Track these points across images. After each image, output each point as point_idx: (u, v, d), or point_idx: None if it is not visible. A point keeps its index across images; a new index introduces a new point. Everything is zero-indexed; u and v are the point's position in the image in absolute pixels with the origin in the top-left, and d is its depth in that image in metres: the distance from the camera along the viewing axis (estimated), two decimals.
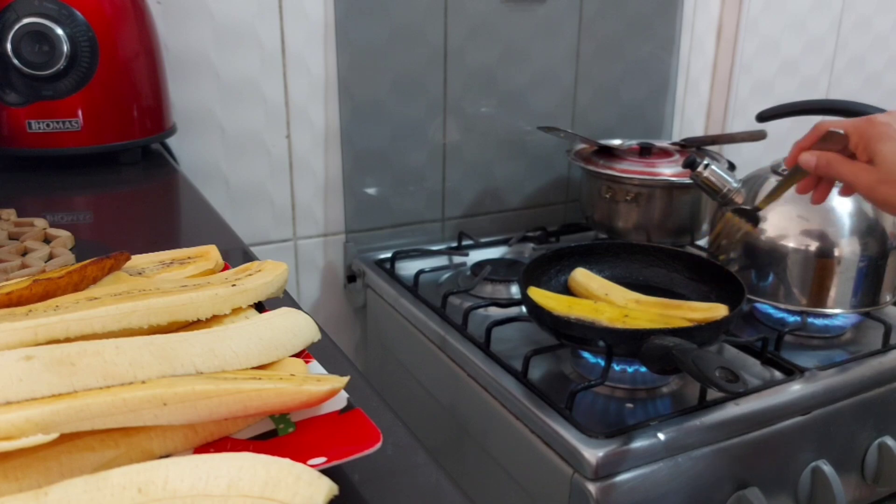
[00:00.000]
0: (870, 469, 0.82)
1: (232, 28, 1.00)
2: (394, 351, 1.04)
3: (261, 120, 1.05)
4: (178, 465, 0.28)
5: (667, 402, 0.74)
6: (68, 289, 0.41)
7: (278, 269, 0.46)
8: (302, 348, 0.40)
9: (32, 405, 0.30)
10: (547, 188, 1.27)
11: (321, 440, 0.34)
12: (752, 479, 0.73)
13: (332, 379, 0.37)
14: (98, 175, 0.85)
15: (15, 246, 0.58)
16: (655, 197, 1.04)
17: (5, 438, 0.28)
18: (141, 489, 0.27)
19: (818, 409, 0.76)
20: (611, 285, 0.85)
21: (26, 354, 0.32)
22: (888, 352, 0.83)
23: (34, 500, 0.27)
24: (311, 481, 0.28)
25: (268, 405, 0.34)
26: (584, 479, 0.64)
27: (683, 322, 0.76)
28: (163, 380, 0.33)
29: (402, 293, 0.98)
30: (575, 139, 1.17)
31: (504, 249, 1.15)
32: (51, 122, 0.81)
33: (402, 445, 0.40)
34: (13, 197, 0.77)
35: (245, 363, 0.37)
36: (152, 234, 0.72)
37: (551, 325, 0.74)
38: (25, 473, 0.29)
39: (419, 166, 1.15)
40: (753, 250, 0.88)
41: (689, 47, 1.36)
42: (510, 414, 0.74)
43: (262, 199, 1.08)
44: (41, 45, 0.78)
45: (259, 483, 0.28)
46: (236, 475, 0.28)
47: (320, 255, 1.15)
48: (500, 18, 1.13)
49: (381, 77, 1.08)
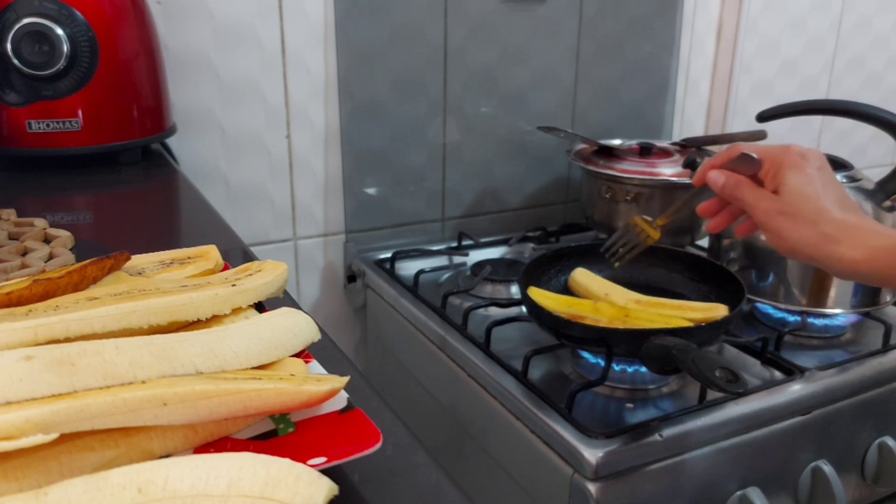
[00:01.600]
0: (870, 469, 0.82)
1: (232, 28, 1.00)
2: (394, 351, 1.04)
3: (261, 120, 1.05)
4: (178, 465, 0.28)
5: (667, 402, 0.74)
6: (68, 289, 0.41)
7: (278, 269, 0.46)
8: (302, 348, 0.40)
9: (32, 405, 0.30)
10: (547, 188, 1.27)
11: (321, 440, 0.34)
12: (752, 478, 0.73)
13: (332, 379, 0.36)
14: (98, 175, 0.85)
15: (15, 246, 0.58)
16: (655, 197, 1.04)
17: (5, 438, 0.28)
18: (141, 489, 0.27)
19: (818, 409, 0.76)
20: (611, 285, 0.85)
21: (26, 354, 0.32)
22: (888, 352, 0.83)
23: (34, 499, 0.27)
24: (311, 481, 0.28)
25: (268, 405, 0.34)
26: (584, 479, 0.64)
27: (683, 322, 0.76)
28: (163, 380, 0.33)
29: (402, 293, 0.98)
30: (575, 139, 1.17)
31: (504, 249, 1.15)
32: (51, 122, 0.81)
33: (402, 445, 0.40)
34: (13, 197, 0.77)
35: (245, 363, 0.37)
36: (152, 234, 0.72)
37: (551, 325, 0.74)
38: (25, 473, 0.29)
39: (419, 166, 1.15)
40: (753, 250, 0.88)
41: (689, 47, 1.36)
42: (510, 414, 0.74)
43: (262, 199, 1.08)
44: (41, 45, 0.78)
45: (259, 483, 0.28)
46: (236, 475, 0.28)
47: (320, 255, 1.15)
48: (500, 18, 1.13)
49: (381, 77, 1.08)
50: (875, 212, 0.86)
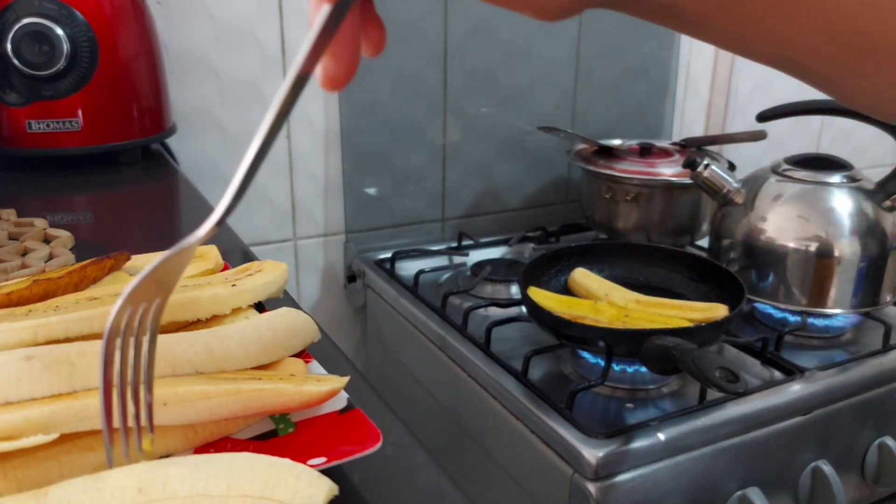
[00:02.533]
0: (870, 469, 0.82)
1: (232, 28, 1.00)
2: (394, 351, 1.04)
3: (261, 120, 1.05)
4: (178, 465, 0.28)
5: (667, 402, 0.74)
6: (68, 289, 0.41)
7: (278, 269, 0.46)
8: (302, 348, 0.40)
9: (32, 405, 0.30)
10: (547, 188, 1.27)
11: (321, 440, 0.34)
12: (753, 479, 0.73)
13: (332, 379, 0.37)
14: (98, 175, 0.85)
15: (15, 246, 0.58)
16: (655, 197, 1.04)
17: (5, 438, 0.28)
18: (141, 489, 0.27)
19: (818, 409, 0.76)
20: (611, 285, 0.85)
21: (26, 354, 0.32)
22: (888, 352, 0.83)
23: (34, 500, 0.27)
24: (311, 481, 0.28)
25: (268, 405, 0.34)
26: (584, 479, 0.64)
27: (683, 322, 0.76)
28: (163, 380, 0.33)
29: (402, 293, 0.98)
30: (575, 139, 1.17)
31: (504, 249, 1.15)
32: (51, 122, 0.81)
33: (402, 445, 0.40)
34: (13, 197, 0.77)
35: (245, 363, 0.37)
36: (152, 234, 0.72)
37: (551, 325, 0.74)
38: (25, 473, 0.29)
39: (419, 166, 1.15)
40: (753, 250, 0.88)
41: (689, 47, 1.36)
42: (510, 414, 0.74)
43: (262, 199, 1.08)
44: (41, 45, 0.78)
45: (259, 483, 0.28)
46: (236, 475, 0.28)
47: (320, 255, 1.15)
48: (500, 18, 1.13)
49: (381, 77, 1.08)
50: (875, 212, 0.86)
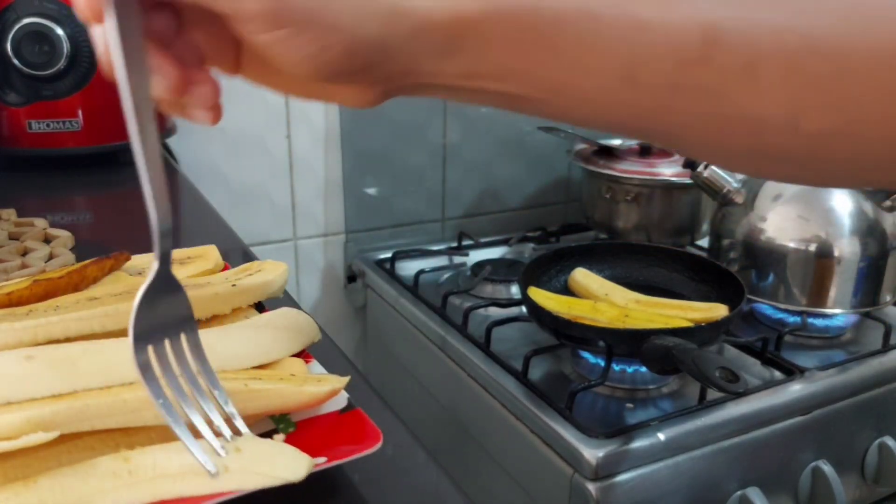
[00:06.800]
0: (870, 469, 0.82)
1: None
2: (394, 351, 1.04)
3: (261, 120, 1.05)
4: (165, 449, 0.30)
5: (667, 402, 0.74)
6: (68, 289, 0.41)
7: (278, 269, 0.46)
8: (302, 348, 0.40)
9: (32, 405, 0.30)
10: (547, 188, 1.27)
11: (321, 440, 0.34)
12: (752, 478, 0.73)
13: (333, 379, 0.37)
14: (98, 175, 0.85)
15: (15, 246, 0.58)
16: (655, 197, 1.04)
17: (5, 438, 0.28)
18: (131, 472, 0.29)
19: (818, 409, 0.76)
20: (611, 285, 0.85)
21: (26, 354, 0.32)
22: (888, 352, 0.83)
23: (23, 487, 0.28)
24: (294, 455, 0.31)
25: (268, 405, 0.34)
26: (584, 479, 0.64)
27: (683, 322, 0.76)
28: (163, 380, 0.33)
29: (402, 293, 0.98)
30: (575, 139, 1.16)
31: (504, 249, 1.15)
32: (51, 122, 0.81)
33: (402, 445, 0.40)
34: (13, 197, 0.77)
35: (245, 363, 0.37)
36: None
37: (551, 325, 0.74)
38: (25, 473, 0.29)
39: (419, 166, 1.15)
40: (753, 250, 0.88)
41: None
42: (510, 414, 0.74)
43: (262, 199, 1.08)
44: (41, 45, 0.78)
45: (245, 458, 0.31)
46: None
47: (320, 255, 1.15)
48: None
49: None
50: (875, 212, 0.86)
